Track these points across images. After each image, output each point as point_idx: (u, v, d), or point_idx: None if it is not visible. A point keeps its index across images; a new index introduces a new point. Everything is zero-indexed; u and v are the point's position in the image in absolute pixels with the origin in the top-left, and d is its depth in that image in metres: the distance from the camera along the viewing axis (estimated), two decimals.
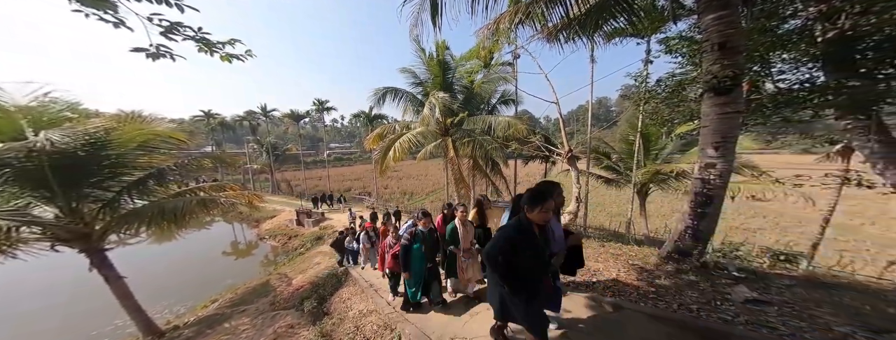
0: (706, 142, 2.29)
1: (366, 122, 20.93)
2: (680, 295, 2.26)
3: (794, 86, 2.55)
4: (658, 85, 3.74)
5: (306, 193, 24.36)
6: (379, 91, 10.56)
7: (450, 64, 9.70)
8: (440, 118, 8.77)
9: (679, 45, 3.20)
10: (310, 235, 12.28)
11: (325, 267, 7.34)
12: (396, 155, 8.84)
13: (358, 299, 4.04)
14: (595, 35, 3.29)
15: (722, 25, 1.94)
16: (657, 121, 4.25)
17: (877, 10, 1.96)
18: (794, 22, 2.49)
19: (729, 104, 2.09)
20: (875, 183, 2.67)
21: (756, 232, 10.75)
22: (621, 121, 10.55)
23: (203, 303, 7.01)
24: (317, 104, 23.45)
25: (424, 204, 17.93)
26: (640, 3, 2.73)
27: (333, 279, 5.39)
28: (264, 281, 7.83)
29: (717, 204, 2.38)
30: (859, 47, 2.08)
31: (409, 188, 26.01)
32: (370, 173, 25.77)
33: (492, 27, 3.58)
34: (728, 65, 1.96)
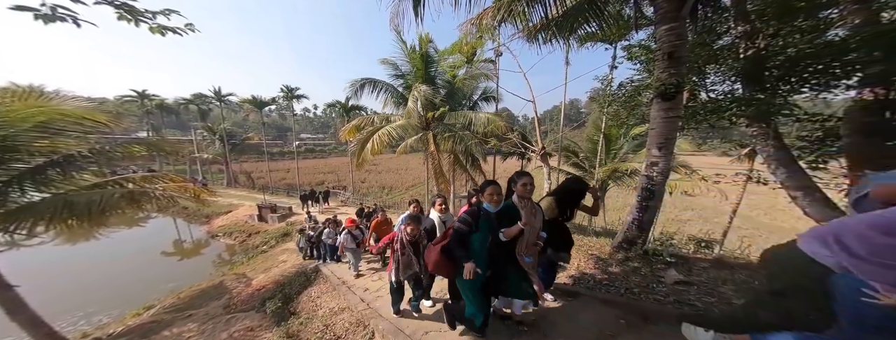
0: (652, 143, 2.63)
1: (342, 113, 19.59)
2: (626, 281, 2.57)
3: (720, 97, 3.03)
4: (620, 88, 4.14)
5: (271, 186, 22.19)
6: (357, 81, 10.04)
7: (433, 57, 9.55)
8: (421, 112, 8.63)
9: (638, 53, 3.58)
10: (275, 232, 11.30)
11: (292, 265, 6.86)
12: (375, 147, 8.55)
13: (329, 297, 3.88)
14: (570, 38, 3.49)
15: (672, 36, 2.21)
16: (617, 122, 4.73)
17: (783, 34, 2.41)
18: (726, 39, 2.93)
19: (671, 109, 2.43)
20: (769, 180, 3.32)
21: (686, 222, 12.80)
22: (588, 122, 11.50)
23: (135, 311, 6.05)
24: (285, 91, 21.13)
25: (404, 199, 17.59)
26: (609, 9, 2.96)
27: (302, 277, 5.07)
28: (217, 283, 7.04)
29: (658, 198, 2.76)
30: (768, 65, 2.54)
31: (388, 182, 25.32)
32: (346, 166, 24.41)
33: (475, 22, 3.58)
34: (674, 74, 2.26)
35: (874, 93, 2.30)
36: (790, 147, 2.87)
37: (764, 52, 2.57)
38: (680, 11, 2.13)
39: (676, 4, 2.14)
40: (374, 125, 9.77)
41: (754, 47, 2.62)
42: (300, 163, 24.95)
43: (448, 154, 10.00)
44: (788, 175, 2.92)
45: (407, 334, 2.22)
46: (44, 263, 8.75)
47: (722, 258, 3.18)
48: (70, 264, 9.04)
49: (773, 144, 2.87)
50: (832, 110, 2.75)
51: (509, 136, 8.25)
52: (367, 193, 20.41)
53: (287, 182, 25.43)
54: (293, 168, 24.27)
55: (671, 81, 2.24)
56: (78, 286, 7.60)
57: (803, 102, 2.87)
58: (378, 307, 3.00)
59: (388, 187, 23.81)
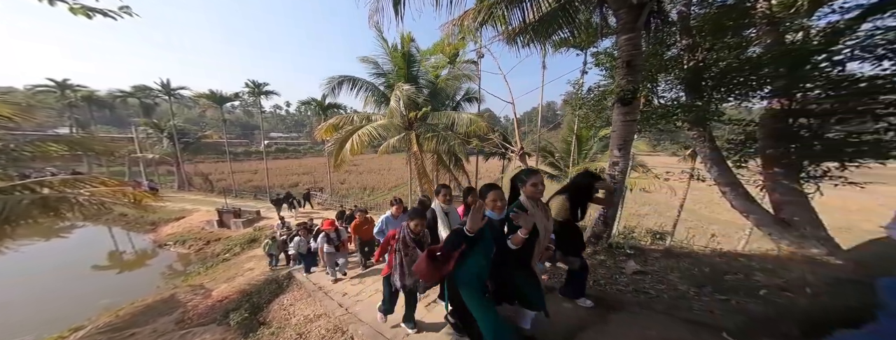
0: (614, 144, 2.92)
1: (318, 111, 18.42)
2: (594, 273, 2.73)
3: (668, 103, 3.46)
4: (589, 93, 4.52)
5: (235, 189, 20.08)
6: (334, 79, 9.64)
7: (415, 56, 9.49)
8: (404, 111, 8.52)
9: (604, 60, 3.96)
10: (239, 238, 10.27)
11: (261, 273, 6.30)
12: (354, 147, 8.24)
13: (304, 304, 3.66)
14: (546, 42, 3.72)
15: (629, 46, 2.49)
16: (587, 124, 5.15)
17: (716, 48, 2.85)
18: (673, 51, 3.37)
19: (629, 113, 2.72)
20: (706, 177, 3.86)
21: (644, 216, 14.29)
22: (563, 124, 12.30)
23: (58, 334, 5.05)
24: (250, 86, 19.24)
25: (386, 199, 17.05)
26: (580, 17, 3.23)
27: (273, 285, 4.72)
28: (166, 297, 6.18)
29: (619, 194, 3.05)
30: (704, 76, 2.97)
31: (369, 183, 24.10)
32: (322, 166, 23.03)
33: (457, 23, 3.66)
34: (631, 81, 2.54)
35: (781, 103, 2.83)
36: (721, 148, 3.39)
37: (701, 64, 3.01)
38: (636, 22, 2.39)
39: (634, 16, 2.41)
40: (353, 124, 9.46)
41: (695, 59, 3.05)
42: (270, 164, 22.97)
43: (431, 154, 10.00)
44: (719, 172, 3.44)
45: (388, 338, 2.17)
46: None
47: (670, 248, 3.56)
48: None
49: (709, 146, 3.36)
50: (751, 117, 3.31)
51: (491, 137, 8.50)
52: (347, 195, 19.44)
53: (254, 184, 23.26)
54: (261, 169, 22.28)
55: (629, 88, 2.52)
56: None
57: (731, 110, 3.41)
58: (357, 311, 2.90)
59: (370, 188, 22.90)
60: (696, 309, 1.96)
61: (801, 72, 2.51)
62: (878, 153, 2.40)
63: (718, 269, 2.59)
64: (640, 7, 2.39)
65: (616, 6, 2.50)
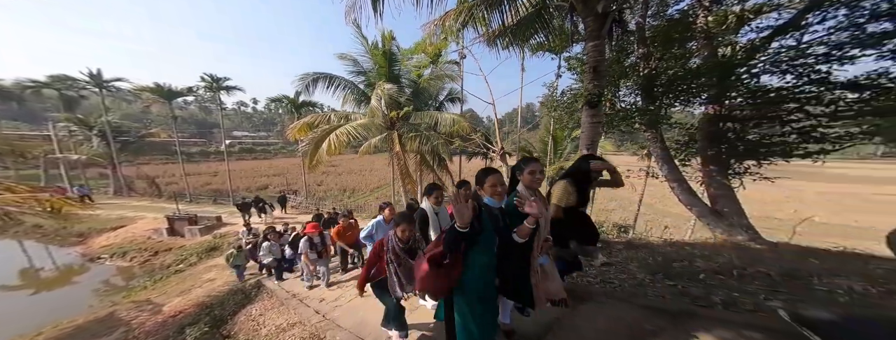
0: (582, 144, 3.18)
1: (290, 109, 17.06)
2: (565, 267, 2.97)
3: (628, 107, 3.87)
4: (562, 96, 4.86)
5: (190, 194, 17.87)
6: (308, 76, 9.17)
7: (397, 55, 9.37)
8: (386, 111, 8.32)
9: (575, 65, 4.28)
10: (196, 247, 9.16)
11: (223, 283, 5.69)
12: (332, 147, 7.88)
13: (276, 313, 3.40)
14: (524, 45, 3.90)
15: (596, 52, 2.74)
16: (561, 125, 5.52)
17: (665, 58, 3.26)
18: (632, 59, 3.77)
19: (595, 116, 2.99)
20: (659, 174, 4.37)
21: (611, 211, 15.67)
22: (541, 125, 12.99)
23: None
24: (208, 80, 17.16)
25: (368, 201, 16.40)
26: (555, 22, 3.46)
27: (238, 295, 4.31)
28: (103, 316, 5.28)
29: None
30: (656, 83, 3.38)
31: (350, 184, 23.01)
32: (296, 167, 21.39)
33: (439, 23, 3.69)
34: (597, 85, 2.80)
35: (714, 108, 3.33)
36: (670, 148, 3.88)
37: (654, 72, 3.42)
38: (601, 30, 2.65)
39: (599, 24, 2.66)
40: (330, 123, 9.05)
41: (649, 67, 3.46)
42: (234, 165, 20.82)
43: (414, 154, 9.90)
44: (669, 170, 3.93)
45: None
46: None
47: (631, 240, 3.90)
48: None
49: (660, 146, 3.83)
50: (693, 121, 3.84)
51: (473, 137, 8.68)
52: (325, 197, 18.37)
53: (213, 187, 20.92)
54: (222, 170, 20.10)
55: (595, 91, 2.78)
56: None
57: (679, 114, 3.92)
58: (336, 317, 2.77)
59: (350, 189, 21.83)
60: (650, 295, 2.13)
61: (727, 83, 2.98)
62: (784, 152, 2.95)
63: (669, 258, 2.85)
64: (605, 16, 2.64)
65: (584, 14, 2.72)
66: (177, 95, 18.87)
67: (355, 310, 2.88)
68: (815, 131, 2.72)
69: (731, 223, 3.38)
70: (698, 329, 1.59)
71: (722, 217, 3.46)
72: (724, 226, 3.41)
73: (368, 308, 2.85)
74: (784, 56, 2.64)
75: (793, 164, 2.98)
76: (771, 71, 2.72)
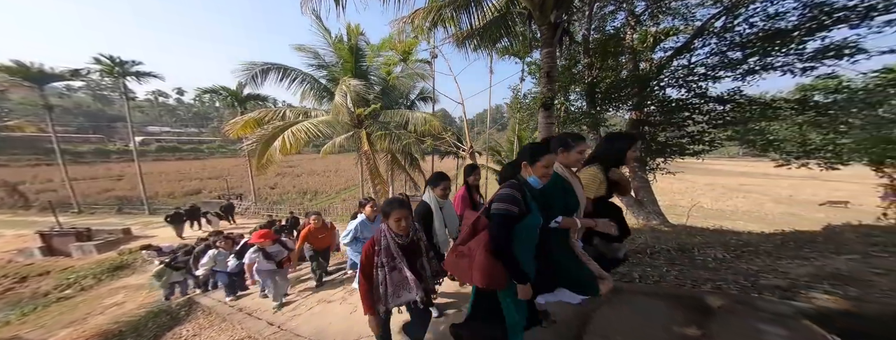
0: None
1: (232, 103, 14.53)
2: None
3: (576, 110, 4.49)
4: (524, 98, 5.35)
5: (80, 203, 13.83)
6: (257, 65, 8.10)
7: (363, 50, 8.88)
8: (351, 108, 7.82)
9: (534, 70, 4.77)
10: (93, 267, 7.17)
11: (137, 305, 4.60)
12: (287, 146, 7.05)
13: (216, 331, 2.95)
14: (492, 49, 4.15)
15: (549, 59, 3.13)
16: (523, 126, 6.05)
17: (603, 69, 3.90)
18: (579, 67, 4.40)
19: (549, 117, 3.39)
20: None
21: None
22: (509, 126, 13.91)
23: None
24: (106, 64, 13.25)
25: (334, 203, 14.96)
26: (517, 29, 3.79)
27: (162, 316, 3.58)
28: None
29: None
30: (597, 90, 4.02)
31: (311, 186, 20.60)
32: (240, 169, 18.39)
33: (407, 21, 3.68)
34: (550, 89, 3.19)
35: (636, 114, 4.11)
36: None
37: (595, 81, 4.06)
38: (553, 38, 3.03)
39: (552, 32, 3.04)
40: (286, 120, 8.08)
41: (592, 76, 4.09)
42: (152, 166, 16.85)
43: (385, 153, 9.55)
44: None
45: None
46: None
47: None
48: None
49: None
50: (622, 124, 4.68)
51: (444, 136, 8.83)
52: (280, 201, 16.10)
53: (118, 194, 16.58)
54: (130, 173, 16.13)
55: (548, 95, 3.16)
56: None
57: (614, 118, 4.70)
58: (295, 326, 2.51)
59: (312, 192, 19.64)
60: None
61: (644, 93, 3.74)
62: (682, 151, 3.82)
63: None
64: (557, 26, 3.02)
65: (539, 22, 3.05)
66: (53, 79, 14.28)
67: (316, 317, 2.68)
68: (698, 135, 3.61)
69: (649, 211, 4.21)
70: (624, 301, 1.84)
71: (642, 205, 4.27)
72: (643, 213, 4.21)
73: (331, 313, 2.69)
74: (679, 73, 3.47)
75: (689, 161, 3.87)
76: (672, 85, 3.53)
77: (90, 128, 39.85)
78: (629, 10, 4.05)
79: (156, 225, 10.60)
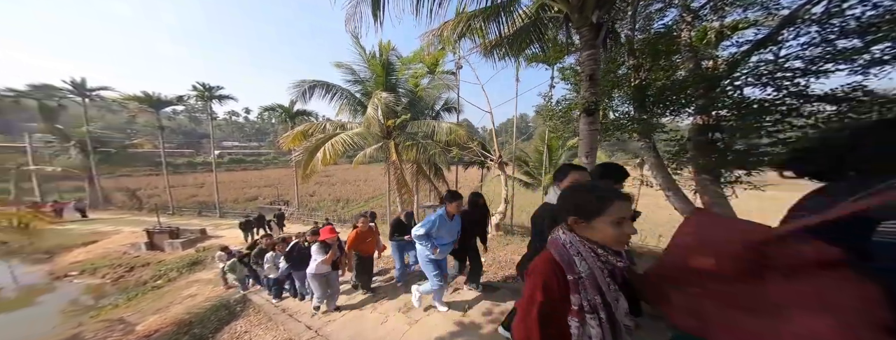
0: (581, 152, 3.23)
1: (284, 118, 16.95)
2: None
3: (621, 116, 4.02)
4: (557, 105, 5.03)
5: (173, 206, 17.07)
6: (304, 83, 9.17)
7: (394, 65, 9.46)
8: (382, 120, 8.39)
9: (569, 75, 4.46)
10: (177, 261, 8.62)
11: (205, 299, 5.33)
12: (326, 157, 7.80)
13: (262, 330, 3.18)
14: (520, 56, 4.05)
15: (591, 61, 2.87)
16: (556, 134, 5.66)
17: (654, 69, 3.44)
18: (623, 69, 3.97)
19: (593, 123, 3.07)
20: (653, 183, 4.47)
21: None
22: (535, 135, 13.30)
23: None
24: (200, 89, 16.74)
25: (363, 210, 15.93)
26: (549, 34, 3.62)
27: (222, 311, 4.05)
28: (68, 338, 4.83)
29: None
30: (647, 93, 3.55)
31: (343, 194, 22.42)
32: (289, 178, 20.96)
33: (437, 34, 3.81)
34: (594, 93, 2.91)
35: (702, 119, 3.49)
36: (663, 157, 4.00)
37: (644, 83, 3.60)
38: (596, 39, 2.80)
39: (595, 33, 2.81)
40: (325, 132, 9.00)
41: (639, 78, 3.65)
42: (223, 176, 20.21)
43: (411, 163, 9.89)
44: (662, 178, 4.02)
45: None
46: None
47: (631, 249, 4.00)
48: None
49: (654, 155, 3.94)
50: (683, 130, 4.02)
51: (471, 146, 8.77)
52: (317, 207, 17.76)
53: (199, 199, 20.10)
54: (209, 182, 19.47)
55: (592, 99, 2.88)
56: None
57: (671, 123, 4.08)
58: (329, 333, 2.59)
59: (344, 200, 21.24)
60: None
61: (713, 94, 3.16)
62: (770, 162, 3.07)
63: None
64: (599, 26, 2.79)
65: (578, 24, 2.84)
66: (166, 104, 18.49)
67: (350, 323, 2.71)
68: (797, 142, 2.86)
69: None
70: None
71: None
72: None
73: (364, 320, 2.71)
74: (763, 69, 2.84)
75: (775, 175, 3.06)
76: (753, 83, 2.91)
77: (185, 144, 50.02)
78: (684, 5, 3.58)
79: (224, 226, 12.43)
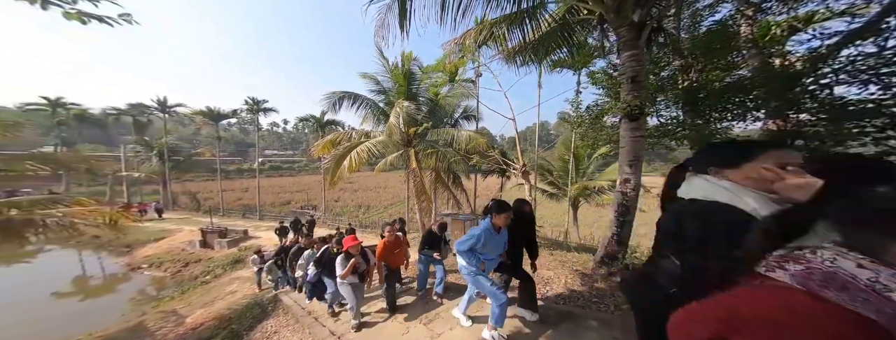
0: (623, 161, 2.89)
1: (316, 128, 18.58)
2: (614, 297, 2.57)
3: (668, 121, 3.58)
4: (587, 111, 4.69)
5: (223, 208, 19.24)
6: (335, 94, 9.81)
7: (416, 75, 9.74)
8: (403, 128, 8.66)
9: (601, 78, 4.16)
10: (223, 259, 9.54)
11: (243, 296, 5.73)
12: (352, 164, 8.18)
13: (289, 332, 3.24)
14: (543, 62, 3.91)
15: (634, 62, 2.62)
16: (587, 142, 5.25)
17: (708, 69, 3.02)
18: (667, 71, 3.58)
19: (637, 129, 2.75)
20: None
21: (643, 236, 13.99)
22: (558, 143, 12.63)
23: None
24: (249, 103, 19.28)
25: (382, 218, 16.47)
26: (577, 37, 3.42)
27: (256, 309, 4.25)
28: (133, 325, 5.50)
29: (633, 213, 2.96)
30: (700, 96, 3.12)
31: (365, 201, 23.52)
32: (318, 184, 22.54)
33: (459, 42, 3.85)
34: (637, 97, 2.63)
35: (776, 124, 2.93)
36: None
37: (695, 84, 3.18)
38: (639, 39, 2.56)
39: (636, 33, 2.57)
40: (351, 141, 9.45)
41: (688, 79, 3.24)
42: (263, 182, 22.42)
43: (430, 171, 9.96)
44: None
45: None
46: None
47: None
48: None
49: None
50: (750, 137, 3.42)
51: (491, 153, 8.58)
52: (342, 213, 18.71)
53: (243, 202, 22.45)
54: (252, 186, 21.69)
55: (635, 103, 2.60)
56: None
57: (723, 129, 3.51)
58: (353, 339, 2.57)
59: (366, 206, 22.21)
60: None
61: (790, 95, 2.64)
62: None
63: None
64: (641, 26, 2.55)
65: (616, 24, 2.63)
66: (223, 117, 21.51)
67: (372, 333, 2.65)
68: None
69: None
70: None
71: None
72: None
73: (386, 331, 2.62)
74: (862, 65, 2.29)
75: None
76: (847, 81, 2.36)
77: (235, 153, 57.10)
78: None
79: (262, 228, 13.57)
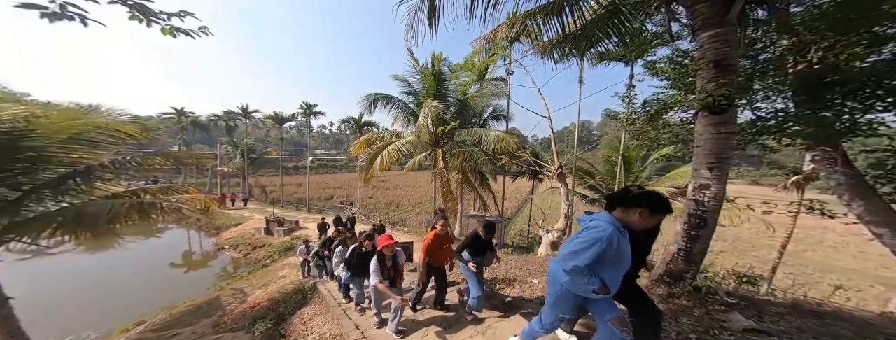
0: (700, 163, 2.26)
1: (355, 128, 20.40)
2: (676, 323, 2.11)
3: (768, 115, 2.72)
4: (643, 106, 3.94)
5: (282, 200, 22.60)
6: (370, 97, 10.44)
7: (445, 75, 9.75)
8: (431, 128, 8.73)
9: (664, 68, 3.42)
10: (279, 245, 11.10)
11: (290, 281, 6.51)
12: (383, 163, 8.60)
13: (322, 320, 3.49)
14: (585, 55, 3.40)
15: (718, 43, 2.01)
16: (643, 141, 4.42)
17: (844, 45, 2.15)
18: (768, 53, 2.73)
19: (724, 124, 2.09)
20: (836, 213, 2.82)
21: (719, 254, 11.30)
22: (602, 144, 11.15)
23: (124, 327, 5.74)
24: (304, 107, 22.37)
25: (410, 216, 17.12)
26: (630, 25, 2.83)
27: (298, 295, 4.73)
28: (213, 298, 6.73)
29: (711, 226, 2.32)
30: (827, 80, 2.27)
31: (395, 199, 24.73)
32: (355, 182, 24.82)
33: (489, 38, 3.61)
34: (723, 84, 2.00)
35: None
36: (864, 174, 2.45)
37: (818, 67, 2.33)
38: (728, 15, 1.95)
39: (720, 8, 1.97)
40: (384, 141, 9.92)
41: (805, 61, 2.38)
42: (312, 178, 25.65)
43: (457, 172, 9.85)
44: (867, 208, 2.42)
45: None
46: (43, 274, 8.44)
47: (798, 301, 2.57)
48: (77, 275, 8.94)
49: (844, 171, 2.46)
50: None
51: (522, 154, 8.01)
52: (374, 209, 20.07)
53: (298, 196, 25.92)
54: (305, 182, 24.88)
55: (721, 92, 1.96)
56: (76, 298, 7.39)
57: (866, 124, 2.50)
58: (374, 336, 2.62)
59: (395, 203, 23.39)
60: None
61: None
62: None
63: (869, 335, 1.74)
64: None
65: (689, 2, 2.08)
66: (285, 121, 25.32)
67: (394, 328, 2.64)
68: None
69: None
70: None
71: None
72: None
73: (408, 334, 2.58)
74: None
75: None
76: None
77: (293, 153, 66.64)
78: None
79: (310, 220, 15.39)
